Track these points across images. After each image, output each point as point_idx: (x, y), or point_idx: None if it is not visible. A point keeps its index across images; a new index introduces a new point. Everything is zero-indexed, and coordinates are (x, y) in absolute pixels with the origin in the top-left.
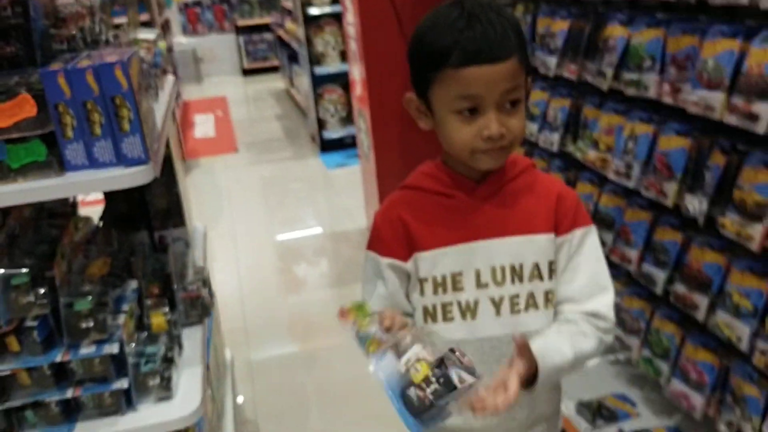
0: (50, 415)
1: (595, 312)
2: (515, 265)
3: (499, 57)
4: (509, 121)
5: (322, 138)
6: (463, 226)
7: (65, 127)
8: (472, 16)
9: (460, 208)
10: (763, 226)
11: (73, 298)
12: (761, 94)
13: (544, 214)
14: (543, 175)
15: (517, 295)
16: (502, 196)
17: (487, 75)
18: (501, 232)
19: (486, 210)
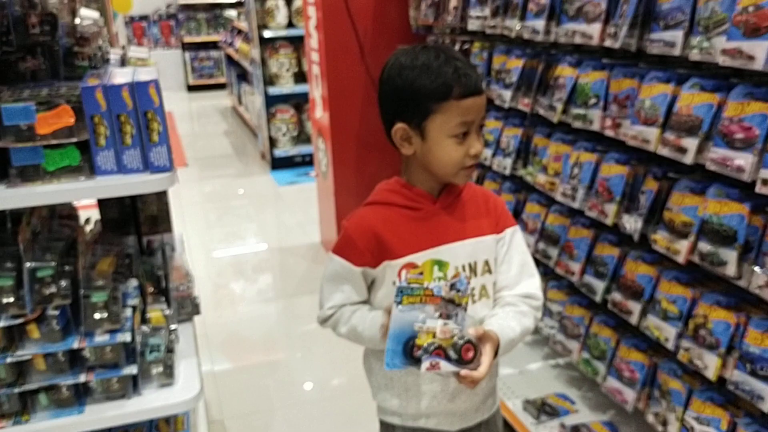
0: (62, 398)
1: (528, 294)
2: (471, 263)
3: (482, 89)
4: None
5: (273, 156)
6: (429, 233)
7: (99, 136)
8: (453, 59)
9: (425, 218)
10: (688, 242)
11: (90, 291)
12: (689, 130)
13: (487, 219)
14: (476, 186)
15: (474, 288)
16: (456, 206)
17: (479, 104)
18: (460, 236)
19: (445, 219)
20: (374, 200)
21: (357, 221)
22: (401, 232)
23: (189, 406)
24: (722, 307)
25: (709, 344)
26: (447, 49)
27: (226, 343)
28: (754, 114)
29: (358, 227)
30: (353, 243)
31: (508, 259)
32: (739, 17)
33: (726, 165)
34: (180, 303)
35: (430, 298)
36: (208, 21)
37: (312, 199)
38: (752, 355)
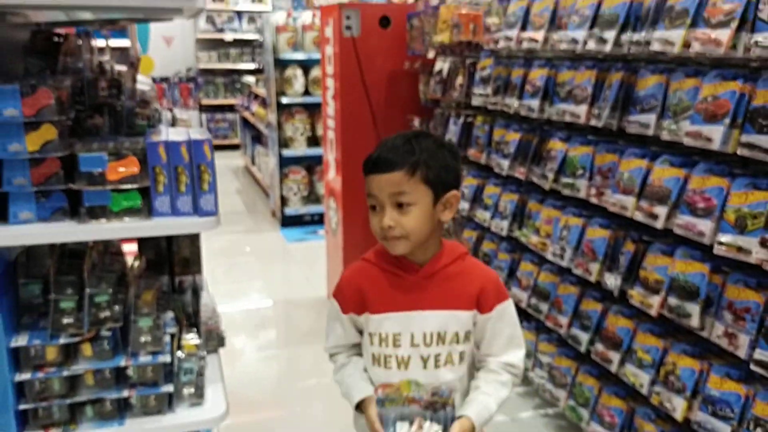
0: (105, 411)
1: (511, 363)
2: (441, 332)
3: (388, 169)
4: (401, 219)
5: (284, 214)
6: (405, 298)
7: (158, 184)
8: (388, 140)
9: (404, 284)
10: (659, 297)
11: (138, 317)
12: (660, 200)
13: (467, 297)
14: (471, 263)
15: (440, 354)
16: (437, 277)
17: (379, 181)
18: (433, 306)
19: (424, 287)
20: (366, 258)
21: (349, 273)
22: (382, 291)
23: (216, 423)
24: (688, 356)
25: (677, 389)
26: (406, 136)
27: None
28: (713, 187)
29: (348, 279)
30: (342, 291)
31: (497, 331)
32: (700, 105)
33: (690, 230)
34: (207, 336)
35: (411, 401)
36: (226, 85)
37: (319, 256)
38: (713, 398)
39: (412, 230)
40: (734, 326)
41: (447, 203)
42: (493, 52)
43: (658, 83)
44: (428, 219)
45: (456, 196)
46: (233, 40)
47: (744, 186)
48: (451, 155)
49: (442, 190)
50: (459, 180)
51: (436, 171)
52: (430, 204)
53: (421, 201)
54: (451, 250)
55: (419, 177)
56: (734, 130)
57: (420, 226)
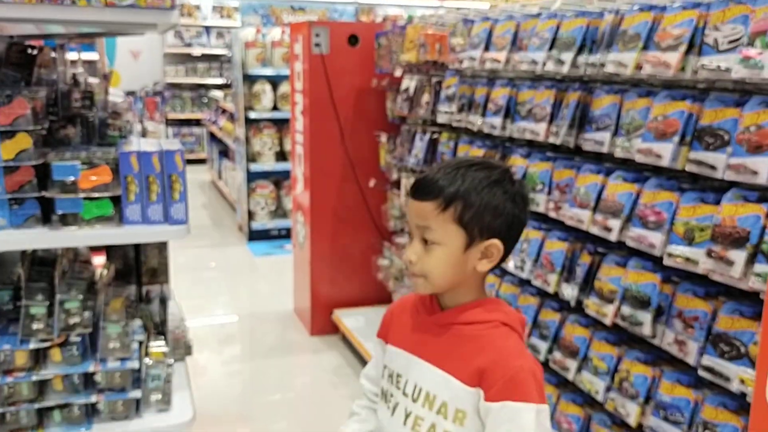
0: (73, 416)
1: None
2: (431, 393)
3: (420, 196)
4: (424, 255)
5: (251, 228)
6: (415, 339)
7: (130, 192)
8: (444, 162)
9: (420, 324)
10: (613, 307)
11: (107, 323)
12: (613, 213)
13: (471, 369)
14: (500, 335)
15: (423, 418)
16: (452, 331)
17: (412, 207)
18: (433, 360)
19: (434, 335)
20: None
21: (398, 299)
22: (403, 323)
23: (183, 429)
24: (641, 363)
25: (630, 395)
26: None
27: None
28: (663, 201)
29: (392, 303)
30: (385, 314)
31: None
32: (651, 124)
33: (641, 242)
34: (175, 344)
35: None
36: (193, 99)
37: (286, 270)
38: (665, 403)
39: (430, 271)
40: (684, 334)
41: (486, 252)
42: (458, 71)
43: (612, 103)
44: (455, 264)
45: (497, 246)
46: (201, 55)
47: (692, 200)
48: (507, 197)
49: (480, 235)
50: (513, 229)
51: (476, 211)
52: (460, 248)
53: (450, 242)
54: (485, 310)
55: (451, 214)
56: (683, 148)
57: (442, 270)
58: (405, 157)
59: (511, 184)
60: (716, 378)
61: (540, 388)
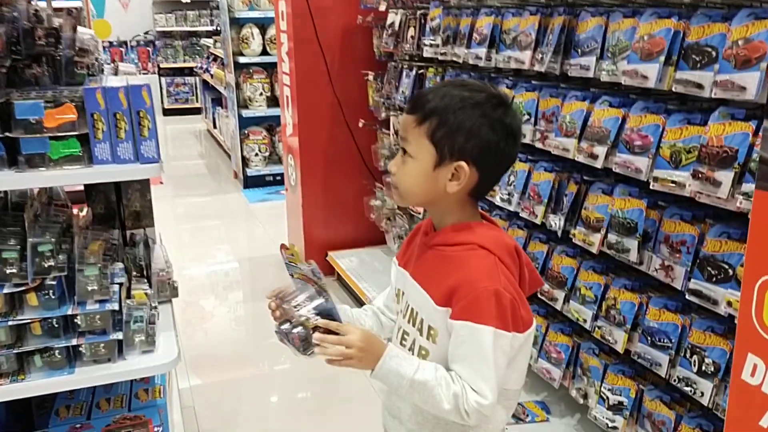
0: (54, 360)
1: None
2: (415, 310)
3: (407, 110)
4: (401, 168)
5: (246, 175)
6: (413, 260)
7: (97, 131)
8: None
9: (418, 246)
10: (600, 235)
11: (84, 266)
12: (599, 140)
13: (443, 288)
14: (474, 260)
15: (408, 333)
16: (435, 253)
17: (401, 119)
18: (419, 279)
19: (422, 256)
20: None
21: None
22: (413, 245)
23: (167, 368)
24: (628, 290)
25: (618, 322)
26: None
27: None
28: (649, 125)
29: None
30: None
31: (459, 355)
32: (637, 44)
33: (628, 167)
34: (160, 286)
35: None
36: (185, 48)
37: (282, 215)
38: (652, 329)
39: (401, 182)
40: (671, 259)
41: (455, 174)
42: (442, 1)
43: (597, 25)
44: (424, 180)
45: (465, 170)
46: (190, 2)
47: (679, 122)
48: (485, 121)
49: (450, 155)
50: (488, 157)
51: (448, 129)
52: (430, 164)
53: (421, 157)
54: (465, 233)
55: (425, 129)
56: (669, 68)
57: (410, 183)
58: (393, 95)
59: (494, 110)
60: (703, 302)
61: (503, 313)
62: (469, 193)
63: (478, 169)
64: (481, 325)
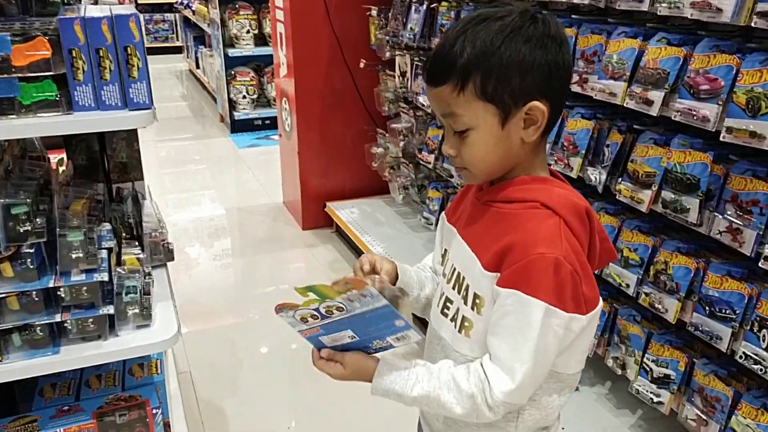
0: (36, 338)
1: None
2: (460, 273)
3: (432, 81)
4: (460, 147)
5: (233, 118)
6: (463, 216)
7: (77, 70)
8: (451, 28)
9: (471, 201)
10: (651, 192)
11: (66, 230)
12: (655, 83)
13: (493, 250)
14: (534, 220)
15: (451, 301)
16: (490, 209)
17: (430, 95)
18: (468, 239)
19: (474, 213)
20: None
21: None
22: (466, 200)
23: (167, 345)
24: (683, 254)
25: (669, 289)
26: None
27: (187, 306)
28: (719, 66)
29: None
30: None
31: (499, 327)
32: None
33: (691, 115)
34: (153, 249)
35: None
36: None
37: (273, 161)
38: (711, 298)
39: (471, 162)
40: (739, 221)
41: (529, 119)
42: None
43: None
44: (496, 145)
45: (540, 108)
46: None
47: (758, 63)
48: (532, 45)
49: (514, 103)
50: (554, 79)
51: (500, 76)
52: (496, 125)
53: (482, 123)
54: (527, 188)
55: (471, 91)
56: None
57: (482, 157)
58: (399, 33)
59: (534, 28)
60: None
61: (560, 288)
62: (543, 131)
63: (547, 99)
64: (531, 297)
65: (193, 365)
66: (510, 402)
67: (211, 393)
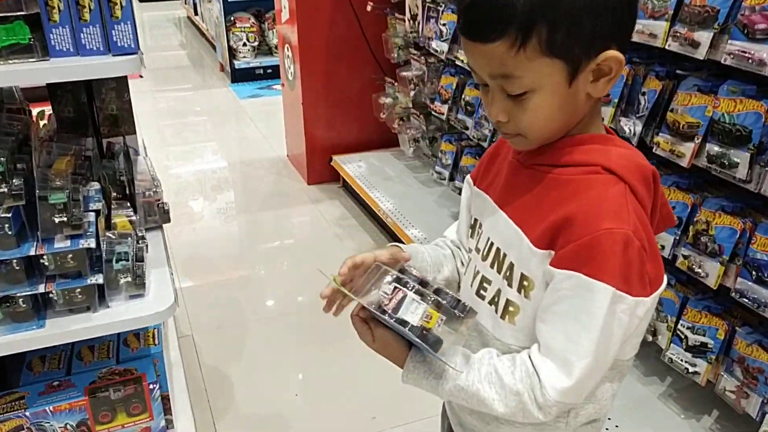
0: (18, 311)
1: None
2: (501, 250)
3: (478, 36)
4: (514, 111)
5: (233, 67)
6: (499, 181)
7: (51, 10)
8: None
9: (510, 164)
10: (694, 144)
11: (47, 192)
12: (702, 23)
13: (545, 223)
14: (597, 188)
15: (491, 282)
16: (537, 174)
17: (474, 52)
18: (509, 210)
19: (516, 178)
20: None
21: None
22: (499, 162)
23: (162, 318)
24: (727, 213)
25: (711, 251)
26: None
27: (189, 261)
28: None
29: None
30: (486, 151)
31: (554, 313)
32: None
33: (746, 58)
34: (147, 210)
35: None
36: None
37: (276, 113)
38: (759, 261)
39: (530, 128)
40: None
41: (601, 70)
42: None
43: None
44: (561, 105)
45: (615, 57)
46: None
47: None
48: None
49: (585, 54)
50: (622, 17)
51: (569, 25)
52: (563, 83)
53: (547, 82)
54: (588, 147)
55: (535, 46)
56: None
57: (546, 121)
58: None
59: None
60: None
61: (628, 268)
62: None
63: (617, 45)
64: (595, 281)
65: (196, 329)
66: (564, 402)
67: (215, 359)
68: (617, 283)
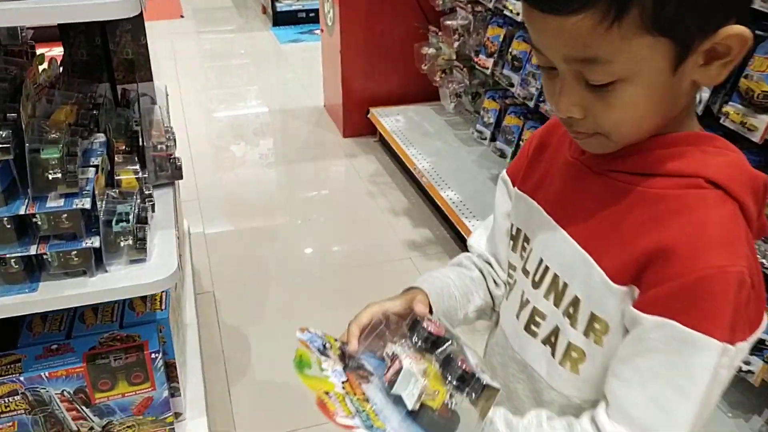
0: (10, 272)
1: None
2: (560, 278)
3: (554, 7)
4: (595, 106)
5: (275, 10)
6: (555, 188)
7: None
8: None
9: (568, 166)
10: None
11: (40, 145)
12: None
13: (628, 252)
14: (701, 209)
15: (543, 316)
16: (616, 185)
17: (544, 27)
18: (573, 229)
19: (581, 181)
20: None
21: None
22: (546, 160)
23: (162, 286)
24: None
25: None
26: None
27: (223, 206)
28: None
29: (541, 127)
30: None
31: (634, 368)
32: None
33: None
34: (158, 164)
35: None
36: None
37: (316, 59)
38: None
39: (615, 126)
40: None
41: (717, 51)
42: None
43: None
44: (660, 99)
45: (739, 34)
46: None
47: None
48: None
49: (700, 32)
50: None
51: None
52: (665, 69)
53: (644, 68)
54: (683, 152)
55: (635, 21)
56: None
57: (638, 119)
58: None
59: None
60: None
61: (738, 313)
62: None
63: (738, 19)
64: (701, 335)
65: (218, 284)
66: None
67: (236, 317)
68: (727, 335)
